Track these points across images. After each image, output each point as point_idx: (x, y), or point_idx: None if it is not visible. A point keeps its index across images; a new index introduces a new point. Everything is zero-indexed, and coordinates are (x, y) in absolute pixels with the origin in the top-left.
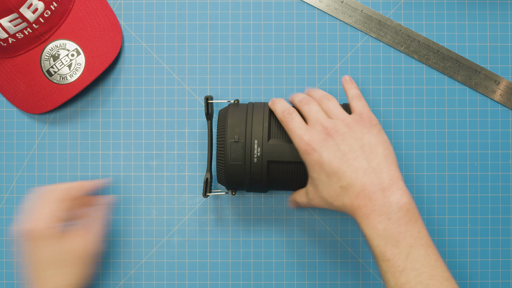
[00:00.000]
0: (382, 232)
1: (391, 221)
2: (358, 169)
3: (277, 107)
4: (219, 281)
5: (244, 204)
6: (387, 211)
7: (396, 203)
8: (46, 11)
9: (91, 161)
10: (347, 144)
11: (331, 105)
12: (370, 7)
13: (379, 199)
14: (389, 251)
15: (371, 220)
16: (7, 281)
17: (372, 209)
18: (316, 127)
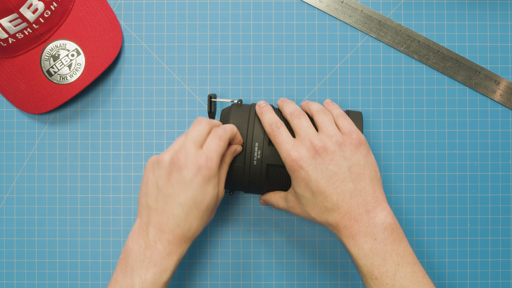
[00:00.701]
0: (369, 252)
1: (377, 241)
2: (345, 192)
3: (265, 118)
4: (219, 281)
5: (244, 204)
6: (372, 232)
7: (381, 224)
8: (46, 11)
9: (91, 161)
10: (336, 164)
11: (326, 120)
12: (370, 7)
13: (364, 221)
14: (376, 270)
15: (357, 241)
16: (7, 281)
17: (357, 230)
18: (304, 143)
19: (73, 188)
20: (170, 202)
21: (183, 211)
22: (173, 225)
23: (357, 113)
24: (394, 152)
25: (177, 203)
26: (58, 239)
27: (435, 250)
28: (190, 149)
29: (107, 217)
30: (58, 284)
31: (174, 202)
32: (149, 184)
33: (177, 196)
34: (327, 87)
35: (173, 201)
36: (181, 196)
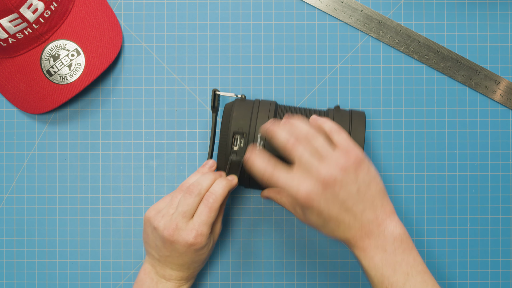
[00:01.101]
0: (379, 263)
1: (387, 253)
2: (357, 213)
3: (257, 164)
4: (219, 281)
5: (244, 204)
6: (382, 244)
7: (391, 235)
8: (46, 11)
9: (91, 161)
10: (345, 190)
11: (320, 144)
12: (370, 7)
13: (375, 234)
14: (387, 280)
15: (367, 253)
16: (7, 281)
17: (368, 244)
18: (311, 177)
19: (73, 188)
20: (169, 260)
21: (182, 267)
22: (176, 274)
23: (360, 113)
24: (394, 152)
25: (175, 263)
26: (58, 239)
27: (435, 250)
28: (180, 224)
29: (107, 217)
30: (58, 284)
31: (173, 262)
32: (150, 238)
33: (174, 258)
34: (327, 87)
35: (171, 261)
36: (178, 259)
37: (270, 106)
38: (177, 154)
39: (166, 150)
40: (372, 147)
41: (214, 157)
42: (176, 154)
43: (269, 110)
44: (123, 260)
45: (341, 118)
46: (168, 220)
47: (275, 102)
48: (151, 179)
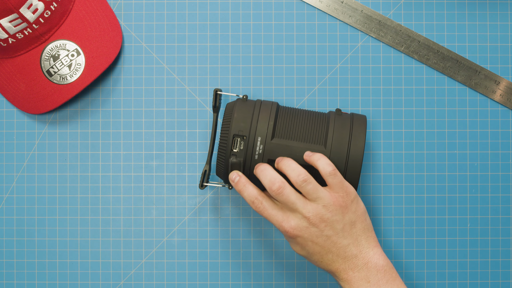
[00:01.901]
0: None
1: (371, 283)
2: (340, 248)
3: (245, 195)
4: (219, 281)
5: (244, 204)
6: (366, 276)
7: (374, 267)
8: (46, 11)
9: (91, 161)
10: (330, 228)
11: (311, 189)
12: (370, 7)
13: (358, 267)
14: None
15: (352, 284)
16: (7, 281)
17: (352, 276)
18: (296, 215)
19: (73, 188)
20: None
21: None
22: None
23: (361, 117)
24: (394, 152)
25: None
26: (58, 239)
27: (435, 250)
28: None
29: (107, 217)
30: (58, 284)
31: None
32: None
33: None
34: (327, 87)
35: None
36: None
37: (271, 108)
38: (177, 154)
39: (166, 150)
40: (372, 147)
41: (214, 157)
42: (176, 154)
43: (270, 112)
44: (123, 260)
45: (342, 123)
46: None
47: (276, 103)
48: (151, 179)
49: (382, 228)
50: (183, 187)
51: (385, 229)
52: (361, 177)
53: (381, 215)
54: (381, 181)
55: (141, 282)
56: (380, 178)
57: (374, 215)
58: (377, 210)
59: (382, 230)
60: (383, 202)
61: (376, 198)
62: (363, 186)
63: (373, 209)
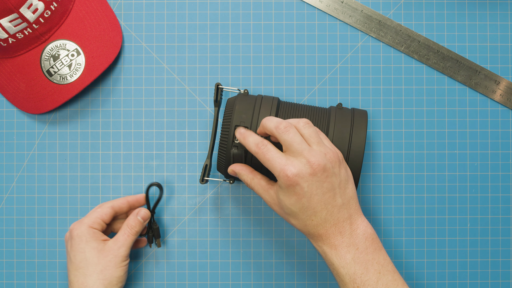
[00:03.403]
0: (351, 261)
1: (359, 251)
2: (334, 207)
3: (249, 141)
4: (219, 281)
5: (244, 204)
6: (354, 242)
7: (363, 234)
8: (46, 11)
9: (91, 161)
10: (330, 181)
11: (313, 133)
12: (370, 7)
13: (347, 232)
14: (359, 278)
15: (339, 251)
16: (7, 281)
17: (341, 241)
18: (300, 160)
19: (73, 188)
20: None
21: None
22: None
23: (362, 112)
24: (394, 152)
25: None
26: (58, 239)
27: (435, 250)
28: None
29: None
30: (58, 284)
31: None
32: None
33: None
34: (327, 87)
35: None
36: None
37: (272, 101)
38: (177, 154)
39: (166, 150)
40: (372, 147)
41: (215, 149)
42: (176, 154)
43: (271, 105)
44: None
45: (343, 117)
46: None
47: (277, 98)
48: (151, 179)
49: (382, 228)
50: (183, 187)
51: (385, 229)
52: (361, 177)
53: (381, 215)
54: (381, 181)
55: (141, 282)
56: (380, 178)
57: (374, 215)
58: (377, 210)
59: (382, 230)
60: (383, 202)
61: (376, 198)
62: (363, 186)
63: (373, 209)
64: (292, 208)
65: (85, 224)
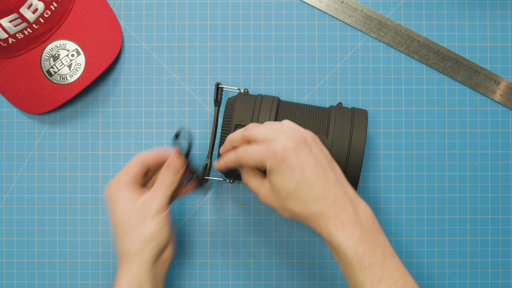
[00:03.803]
0: (358, 241)
1: (364, 230)
2: (329, 181)
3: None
4: (219, 281)
5: (244, 204)
6: (359, 220)
7: (364, 214)
8: (46, 11)
9: (91, 161)
10: (315, 154)
11: (277, 124)
12: (370, 7)
13: (350, 210)
14: (366, 259)
15: (346, 229)
16: (7, 281)
17: (346, 219)
18: (280, 138)
19: (73, 188)
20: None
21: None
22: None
23: (362, 111)
24: (394, 152)
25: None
26: (58, 239)
27: (435, 250)
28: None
29: (107, 217)
30: (58, 284)
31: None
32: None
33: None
34: (327, 87)
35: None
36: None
37: (272, 101)
38: None
39: None
40: (372, 147)
41: (215, 149)
42: None
43: (271, 104)
44: None
45: (343, 116)
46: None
47: (277, 97)
48: None
49: (383, 228)
50: None
51: (385, 229)
52: (361, 177)
53: (381, 215)
54: (381, 181)
55: None
56: (380, 178)
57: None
58: (377, 210)
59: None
60: (383, 202)
61: (376, 198)
62: (363, 186)
63: (373, 209)
64: (288, 186)
65: (116, 183)
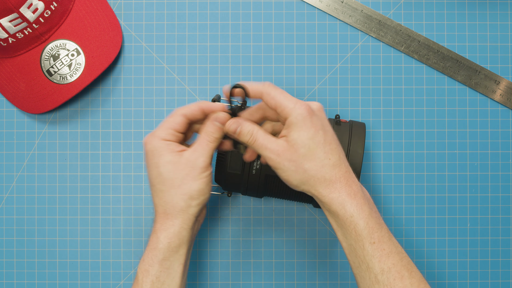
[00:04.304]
0: (368, 214)
1: (370, 206)
2: (343, 152)
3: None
4: (219, 281)
5: (244, 204)
6: (365, 196)
7: (366, 192)
8: (46, 11)
9: (91, 161)
10: (326, 122)
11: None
12: (370, 7)
13: (358, 184)
14: (376, 233)
15: (358, 200)
16: (7, 281)
17: (357, 190)
18: (301, 101)
19: (73, 188)
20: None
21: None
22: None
23: (360, 124)
24: (394, 152)
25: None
26: (58, 239)
27: (435, 250)
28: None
29: (107, 217)
30: (58, 284)
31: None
32: None
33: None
34: (327, 87)
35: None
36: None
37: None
38: None
39: None
40: (372, 147)
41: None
42: None
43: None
44: (123, 260)
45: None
46: None
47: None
48: None
49: None
50: None
51: None
52: (361, 177)
53: (381, 215)
54: (381, 181)
55: None
56: (380, 178)
57: None
58: None
59: None
60: (383, 202)
61: (376, 198)
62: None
63: None
64: (311, 143)
65: (157, 137)
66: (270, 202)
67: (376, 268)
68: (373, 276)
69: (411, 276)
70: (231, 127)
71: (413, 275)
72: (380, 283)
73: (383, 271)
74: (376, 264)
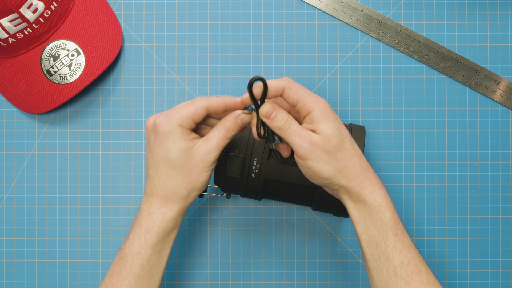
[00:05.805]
0: (394, 206)
1: (389, 202)
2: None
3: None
4: (219, 281)
5: (244, 204)
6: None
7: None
8: (46, 11)
9: (91, 161)
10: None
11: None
12: (370, 7)
13: (377, 177)
14: (399, 225)
15: (385, 191)
16: (7, 281)
17: (380, 184)
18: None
19: (73, 188)
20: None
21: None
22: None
23: (360, 128)
24: (394, 152)
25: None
26: (58, 239)
27: (435, 250)
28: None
29: (107, 217)
30: (58, 284)
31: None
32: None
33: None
34: (327, 87)
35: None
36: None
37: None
38: None
39: None
40: (372, 147)
41: None
42: None
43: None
44: None
45: None
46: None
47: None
48: None
49: None
50: None
51: None
52: None
53: None
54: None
55: None
56: (380, 178)
57: None
58: None
59: None
60: None
61: None
62: None
63: None
64: (339, 133)
65: (174, 122)
66: (270, 203)
67: (396, 260)
68: (392, 269)
69: (428, 272)
70: (268, 111)
71: (429, 271)
72: (398, 276)
73: (402, 263)
74: (396, 255)
